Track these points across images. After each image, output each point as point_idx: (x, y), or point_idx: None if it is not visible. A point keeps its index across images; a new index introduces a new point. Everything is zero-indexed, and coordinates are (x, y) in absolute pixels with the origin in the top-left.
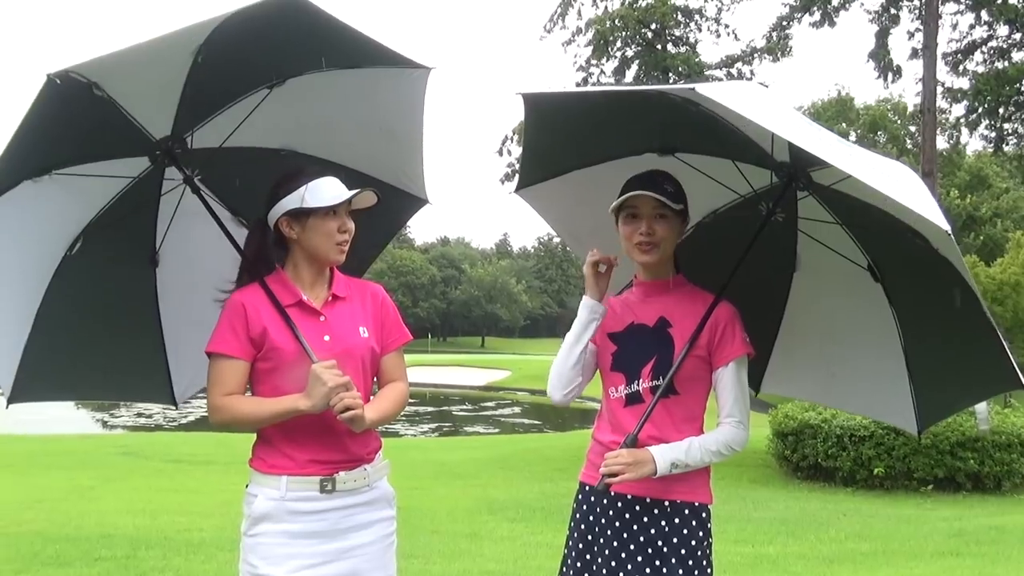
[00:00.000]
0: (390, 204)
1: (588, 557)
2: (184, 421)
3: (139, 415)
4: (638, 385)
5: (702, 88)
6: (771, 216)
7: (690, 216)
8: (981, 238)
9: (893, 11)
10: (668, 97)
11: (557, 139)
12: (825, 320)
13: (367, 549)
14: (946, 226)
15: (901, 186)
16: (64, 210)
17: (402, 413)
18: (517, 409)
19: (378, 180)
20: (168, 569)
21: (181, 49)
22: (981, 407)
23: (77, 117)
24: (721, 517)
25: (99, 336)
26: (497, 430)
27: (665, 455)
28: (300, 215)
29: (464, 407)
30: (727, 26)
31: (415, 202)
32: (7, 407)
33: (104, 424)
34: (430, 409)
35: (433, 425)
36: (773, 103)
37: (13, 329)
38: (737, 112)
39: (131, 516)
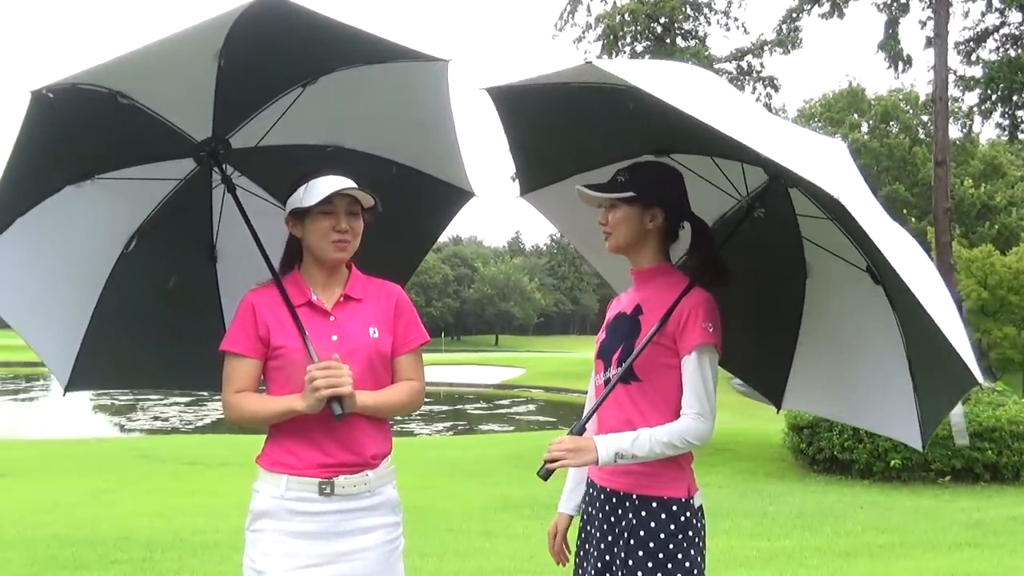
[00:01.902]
0: (437, 197)
1: (587, 547)
2: (200, 424)
3: (155, 418)
4: (610, 372)
5: (599, 63)
6: (751, 212)
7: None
8: (996, 227)
9: (903, 0)
10: (640, 92)
11: (544, 137)
12: (838, 330)
13: (366, 554)
14: (836, 193)
15: (812, 155)
16: (114, 211)
17: (416, 412)
18: (532, 407)
19: (425, 173)
20: (184, 571)
21: (200, 53)
22: (957, 419)
23: (108, 124)
24: (737, 512)
25: (160, 328)
26: (512, 428)
27: (608, 445)
28: (300, 215)
29: (478, 405)
30: (736, 19)
31: (462, 195)
32: (64, 395)
33: (121, 428)
34: (445, 408)
35: (448, 423)
36: (696, 80)
37: (70, 322)
38: (627, 81)
39: (147, 519)
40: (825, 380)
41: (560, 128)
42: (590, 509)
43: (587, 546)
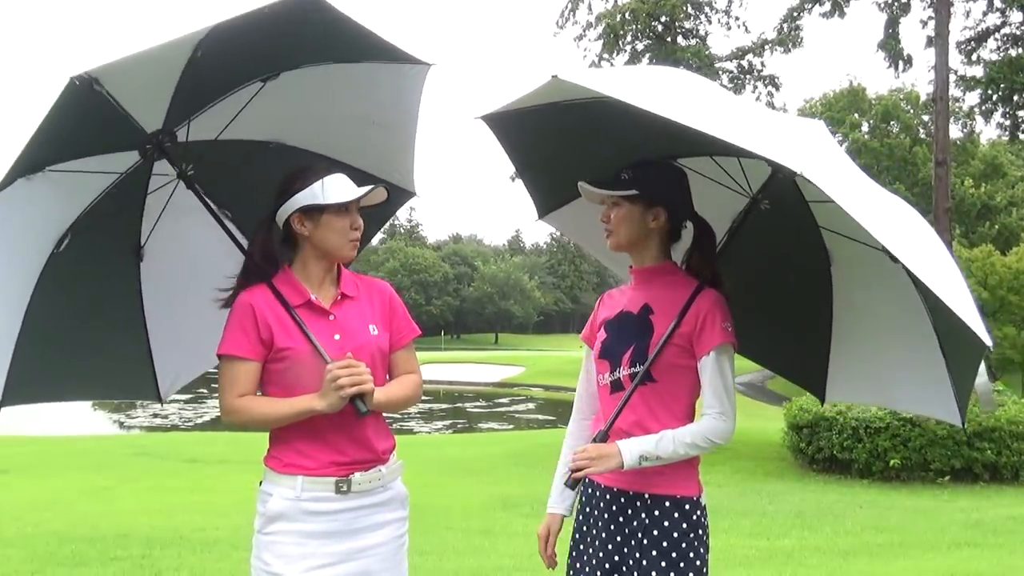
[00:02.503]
0: None
1: (583, 547)
2: (200, 421)
3: (155, 416)
4: (619, 373)
5: (563, 74)
6: (756, 204)
7: (718, 222)
8: (996, 227)
9: (903, 0)
10: (608, 99)
11: (550, 158)
12: (868, 314)
13: (379, 549)
14: (799, 168)
15: (784, 134)
16: (53, 207)
17: (416, 409)
18: (531, 405)
19: (366, 173)
20: (183, 568)
21: (182, 47)
22: (983, 387)
23: (74, 113)
24: (736, 511)
25: (86, 334)
26: (511, 426)
27: (632, 448)
28: (314, 212)
29: (478, 404)
30: (737, 18)
31: (401, 194)
32: None
33: (121, 425)
34: (444, 406)
35: (447, 422)
36: (663, 79)
37: (2, 331)
38: (592, 90)
39: (147, 516)
40: (864, 367)
41: (564, 147)
42: (588, 509)
43: (583, 546)
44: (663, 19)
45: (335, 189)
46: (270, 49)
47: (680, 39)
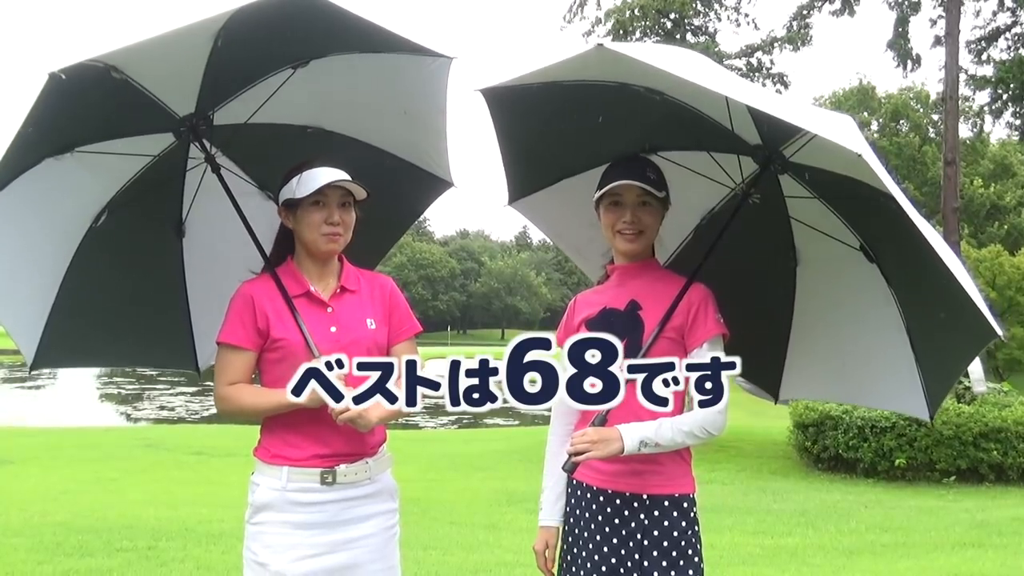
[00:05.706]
0: (415, 184)
1: (576, 550)
2: (206, 414)
3: (162, 408)
4: None
5: (609, 45)
6: (746, 198)
7: (685, 218)
8: (1005, 227)
9: None
10: (631, 89)
11: (535, 141)
12: (831, 313)
13: (367, 541)
14: (857, 150)
15: (824, 124)
16: (88, 185)
17: (422, 405)
18: None
19: (404, 160)
20: (188, 559)
21: (200, 34)
22: (976, 370)
23: (98, 98)
24: (741, 509)
25: (124, 304)
26: (517, 422)
27: (633, 433)
28: (292, 205)
29: None
30: (747, 15)
31: (440, 184)
32: (29, 372)
33: (128, 417)
34: None
35: (452, 417)
36: (698, 63)
37: (38, 297)
38: (643, 62)
39: (153, 507)
40: (823, 365)
41: (550, 131)
42: (579, 512)
43: (576, 549)
44: (672, 15)
45: (307, 182)
46: (294, 38)
47: (689, 36)
